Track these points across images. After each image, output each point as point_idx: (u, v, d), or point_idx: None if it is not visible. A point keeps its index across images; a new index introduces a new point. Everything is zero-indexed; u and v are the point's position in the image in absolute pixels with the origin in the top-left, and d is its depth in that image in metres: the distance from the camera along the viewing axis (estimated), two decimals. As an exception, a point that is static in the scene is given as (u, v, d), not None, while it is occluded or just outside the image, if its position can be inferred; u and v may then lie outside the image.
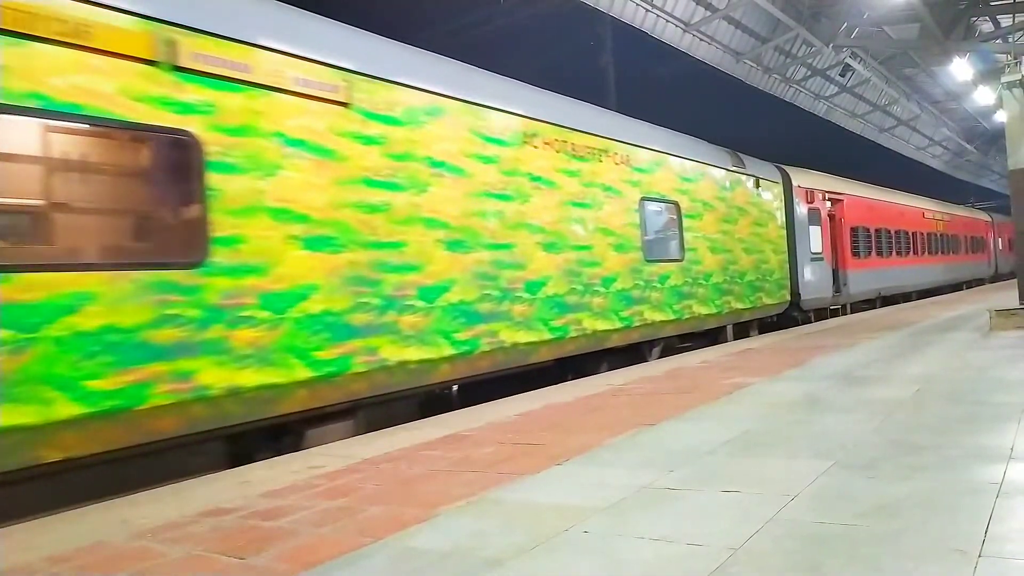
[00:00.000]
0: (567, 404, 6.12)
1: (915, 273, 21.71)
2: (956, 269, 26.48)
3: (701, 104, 31.76)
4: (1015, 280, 11.10)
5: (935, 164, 42.19)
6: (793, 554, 2.47)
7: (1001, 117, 13.88)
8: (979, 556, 2.33)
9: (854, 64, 23.39)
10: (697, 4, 18.40)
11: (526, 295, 7.48)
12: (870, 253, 18.41)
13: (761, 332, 13.41)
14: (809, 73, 24.97)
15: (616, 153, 9.19)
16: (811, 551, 2.49)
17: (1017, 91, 10.20)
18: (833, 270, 16.22)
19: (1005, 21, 20.96)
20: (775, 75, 23.20)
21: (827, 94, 27.34)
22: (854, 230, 17.47)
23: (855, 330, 11.51)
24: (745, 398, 5.76)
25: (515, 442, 4.70)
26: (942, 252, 24.93)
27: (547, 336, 7.78)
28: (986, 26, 21.69)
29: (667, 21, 18.26)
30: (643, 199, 9.54)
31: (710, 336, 11.96)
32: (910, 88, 29.40)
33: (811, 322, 14.94)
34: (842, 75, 24.37)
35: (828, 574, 2.30)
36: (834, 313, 16.22)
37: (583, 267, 8.39)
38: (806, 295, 14.71)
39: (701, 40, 19.57)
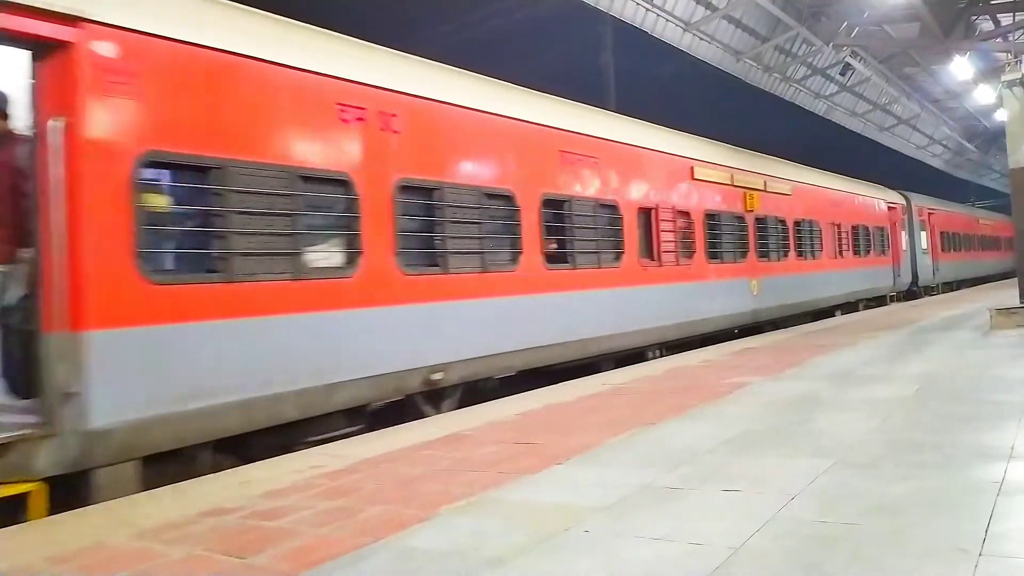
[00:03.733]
0: (567, 404, 6.12)
1: (651, 304, 9.66)
2: (804, 285, 14.66)
3: (701, 103, 31.74)
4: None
5: (935, 163, 42.23)
6: (794, 553, 2.47)
7: (1001, 116, 13.87)
8: (980, 555, 2.32)
9: (854, 63, 23.41)
10: (697, 3, 18.41)
11: None
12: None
13: None
14: (809, 72, 24.98)
15: None
16: (812, 550, 2.48)
17: (1017, 90, 10.19)
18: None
19: (1005, 20, 20.97)
20: (775, 74, 23.20)
21: (827, 93, 27.36)
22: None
23: (855, 329, 11.50)
24: (745, 397, 5.75)
25: (515, 442, 4.70)
26: (763, 255, 13.07)
27: None
28: (986, 25, 21.71)
29: (667, 20, 18.26)
30: None
31: None
32: (910, 87, 29.42)
33: None
34: (842, 74, 24.41)
35: (829, 573, 2.29)
36: None
37: None
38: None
39: (701, 39, 19.58)
